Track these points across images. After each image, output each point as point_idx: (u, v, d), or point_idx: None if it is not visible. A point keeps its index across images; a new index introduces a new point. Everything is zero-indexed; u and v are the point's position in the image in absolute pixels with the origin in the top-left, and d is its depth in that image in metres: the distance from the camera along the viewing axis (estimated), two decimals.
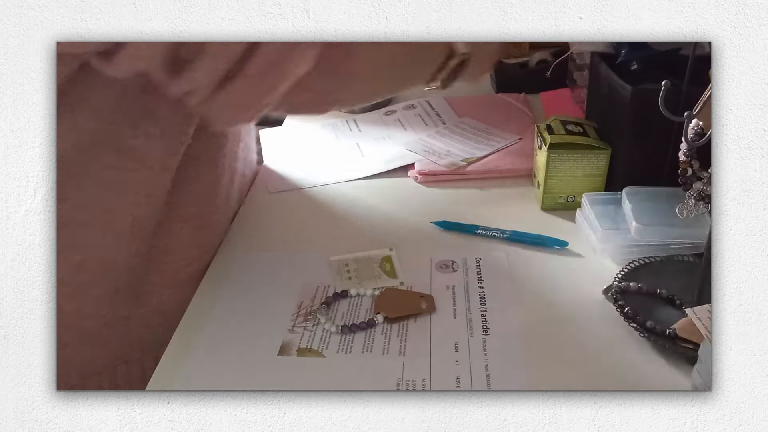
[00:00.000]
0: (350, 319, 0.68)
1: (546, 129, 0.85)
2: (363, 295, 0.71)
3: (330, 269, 0.75)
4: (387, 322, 0.67)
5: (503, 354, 0.63)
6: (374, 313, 0.68)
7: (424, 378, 0.60)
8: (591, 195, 0.81)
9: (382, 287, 0.72)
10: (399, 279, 0.73)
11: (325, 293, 0.71)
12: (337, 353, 0.64)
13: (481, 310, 0.68)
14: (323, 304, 0.69)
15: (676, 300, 0.67)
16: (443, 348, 0.64)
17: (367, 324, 0.66)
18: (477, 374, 0.60)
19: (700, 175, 0.63)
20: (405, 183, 0.95)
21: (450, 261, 0.76)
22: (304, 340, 0.65)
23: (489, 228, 0.81)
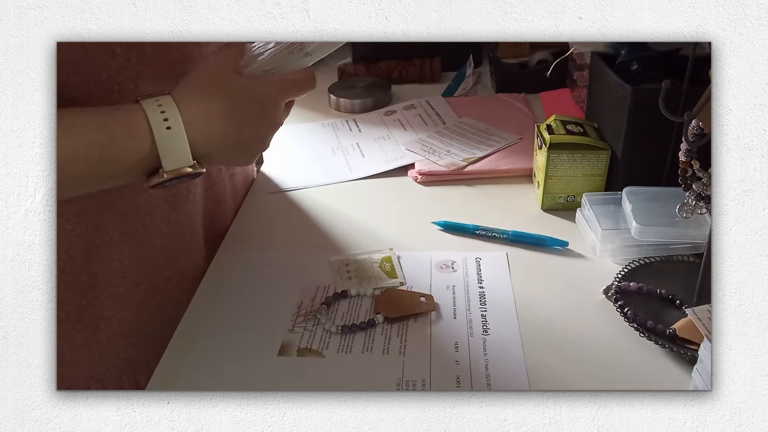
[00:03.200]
0: (350, 319, 0.68)
1: (546, 129, 0.85)
2: (363, 295, 0.71)
3: (330, 269, 0.75)
4: (387, 322, 0.67)
5: (503, 354, 0.62)
6: (374, 313, 0.68)
7: (424, 378, 0.60)
8: (591, 195, 0.81)
9: (382, 287, 0.72)
10: (399, 279, 0.73)
11: (325, 293, 0.71)
12: (337, 353, 0.64)
13: (481, 310, 0.68)
14: (323, 304, 0.69)
15: (676, 300, 0.67)
16: (443, 348, 0.64)
17: (367, 324, 0.66)
18: (477, 374, 0.60)
19: (700, 175, 0.63)
20: (405, 183, 0.95)
21: (450, 261, 0.76)
22: (304, 340, 0.65)
23: (489, 228, 0.80)
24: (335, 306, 0.70)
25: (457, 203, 0.89)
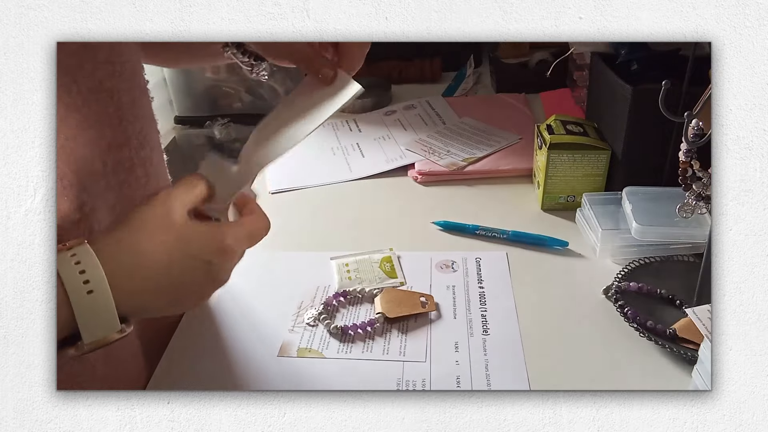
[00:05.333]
0: (350, 319, 0.68)
1: (546, 129, 0.85)
2: (363, 295, 0.71)
3: (330, 269, 0.75)
4: (387, 322, 0.67)
5: (503, 354, 0.62)
6: (374, 313, 0.68)
7: (424, 378, 0.60)
8: (591, 195, 0.81)
9: (382, 287, 0.72)
10: (399, 279, 0.73)
11: (325, 293, 0.71)
12: (337, 353, 0.64)
13: (481, 310, 0.68)
14: (323, 304, 0.69)
15: (676, 300, 0.67)
16: (443, 348, 0.64)
17: (368, 324, 0.66)
18: (477, 374, 0.60)
19: (700, 175, 0.63)
20: (405, 183, 0.95)
21: (450, 261, 0.76)
22: (305, 340, 0.65)
23: (489, 228, 0.81)
24: (335, 306, 0.70)
25: (457, 203, 0.89)
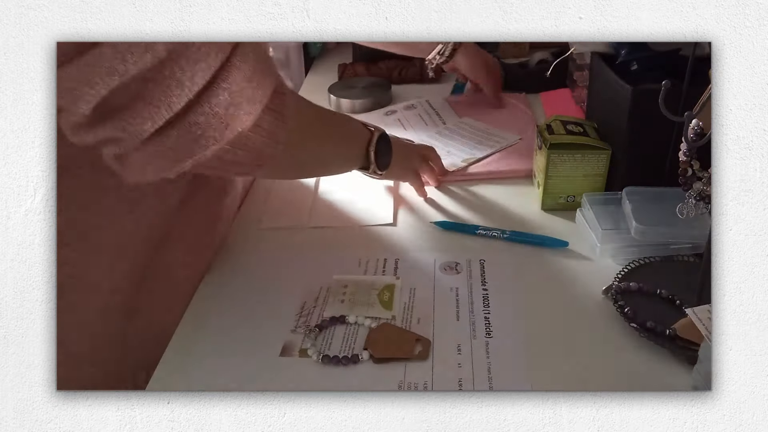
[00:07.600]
0: (338, 347, 0.64)
1: (546, 129, 0.85)
2: (361, 324, 0.67)
3: (332, 269, 0.75)
4: (374, 361, 0.62)
5: (506, 357, 0.62)
6: (362, 348, 0.64)
7: (426, 381, 0.60)
8: (591, 195, 0.81)
9: (373, 317, 0.67)
10: (392, 312, 0.68)
11: (326, 294, 0.71)
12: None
13: (484, 313, 0.68)
14: (317, 326, 0.66)
15: (676, 300, 0.67)
16: (445, 351, 0.63)
17: (350, 360, 0.62)
18: (479, 378, 0.60)
19: (700, 175, 0.63)
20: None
21: (454, 263, 0.76)
22: (306, 340, 0.65)
23: (489, 228, 0.80)
24: (330, 331, 0.66)
25: (457, 203, 0.89)
